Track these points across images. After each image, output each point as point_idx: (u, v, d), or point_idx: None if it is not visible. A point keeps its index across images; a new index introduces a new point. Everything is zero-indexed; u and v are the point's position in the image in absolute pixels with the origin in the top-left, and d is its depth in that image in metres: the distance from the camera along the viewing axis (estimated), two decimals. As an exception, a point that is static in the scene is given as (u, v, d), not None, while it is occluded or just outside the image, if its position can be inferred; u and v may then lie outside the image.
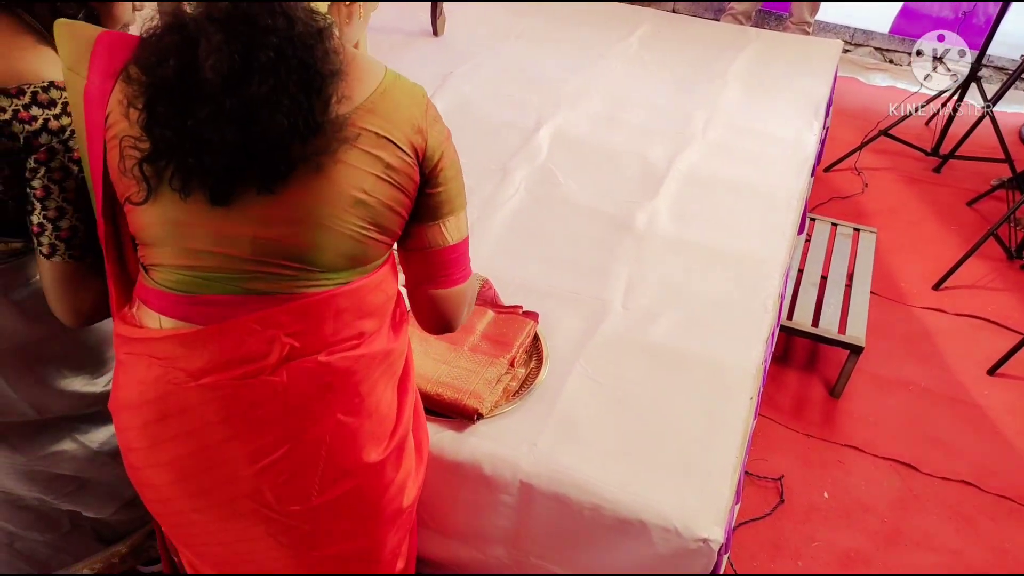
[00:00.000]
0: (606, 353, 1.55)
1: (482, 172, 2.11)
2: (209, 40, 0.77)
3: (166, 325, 0.91)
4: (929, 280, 2.71)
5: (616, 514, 1.28)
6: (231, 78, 0.78)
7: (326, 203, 0.86)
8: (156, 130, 0.82)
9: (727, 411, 1.45)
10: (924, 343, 2.46)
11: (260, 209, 0.85)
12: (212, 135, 0.80)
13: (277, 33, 0.79)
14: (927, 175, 3.35)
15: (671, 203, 2.03)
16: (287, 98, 0.80)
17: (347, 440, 0.97)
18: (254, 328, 0.88)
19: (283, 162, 0.83)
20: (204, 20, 0.79)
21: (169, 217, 0.87)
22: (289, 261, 0.88)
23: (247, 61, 0.78)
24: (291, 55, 0.80)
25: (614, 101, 2.52)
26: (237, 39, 0.78)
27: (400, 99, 0.91)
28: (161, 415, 0.92)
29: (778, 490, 1.95)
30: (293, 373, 0.90)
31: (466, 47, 2.82)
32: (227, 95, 0.78)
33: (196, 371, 0.89)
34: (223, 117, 0.79)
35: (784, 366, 2.33)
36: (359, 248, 0.91)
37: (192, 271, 0.89)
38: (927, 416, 2.20)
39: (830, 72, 2.82)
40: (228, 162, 0.81)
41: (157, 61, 0.80)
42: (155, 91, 0.81)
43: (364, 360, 0.96)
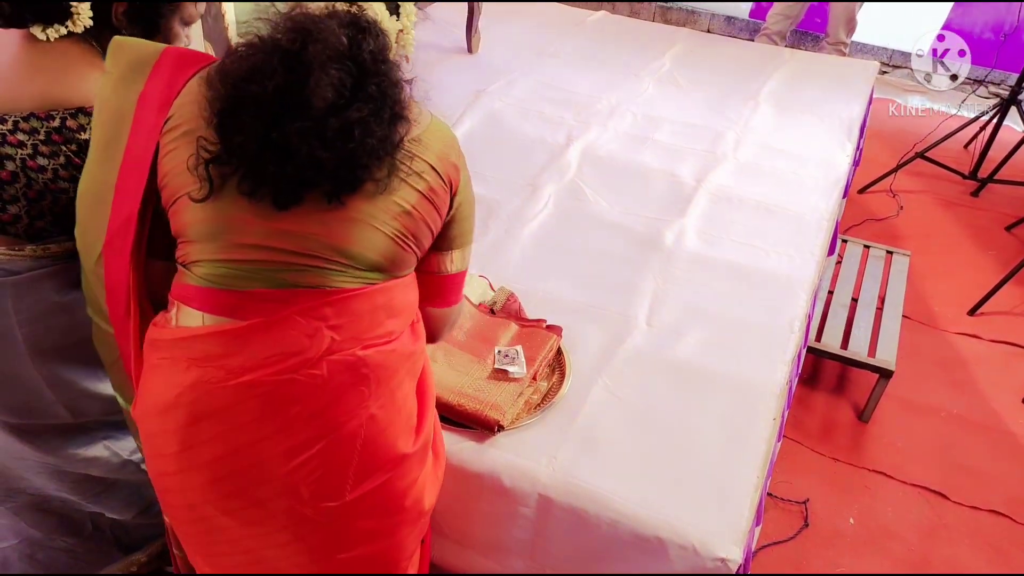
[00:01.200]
0: (629, 369, 1.55)
1: (511, 187, 2.13)
2: (325, 72, 0.86)
3: (208, 322, 0.95)
4: (964, 305, 2.67)
5: (634, 530, 1.28)
6: (336, 106, 0.87)
7: (380, 209, 0.95)
8: (235, 136, 0.88)
9: (750, 431, 1.44)
10: (957, 369, 2.42)
11: (319, 211, 0.93)
12: (301, 148, 0.87)
13: (380, 76, 0.91)
14: (964, 199, 3.30)
15: (699, 221, 2.03)
16: (379, 126, 0.90)
17: (380, 434, 1.01)
18: (297, 321, 0.94)
19: (358, 178, 0.91)
20: (322, 54, 0.86)
21: (221, 216, 0.93)
22: (335, 255, 0.94)
23: (354, 93, 0.88)
24: (387, 95, 0.91)
25: (645, 120, 2.53)
26: (348, 76, 0.88)
27: (441, 138, 1.02)
28: (196, 418, 0.94)
29: (803, 514, 1.92)
30: (333, 366, 0.95)
31: (500, 65, 2.86)
32: (330, 116, 0.87)
33: (236, 368, 0.93)
34: (319, 135, 0.87)
35: (812, 388, 2.30)
36: (398, 253, 0.99)
37: (237, 265, 0.93)
38: (958, 443, 2.16)
39: (865, 93, 2.80)
40: (308, 173, 0.89)
41: (252, 77, 0.87)
42: (242, 101, 0.88)
43: (395, 356, 1.02)
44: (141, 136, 0.96)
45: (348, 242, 0.94)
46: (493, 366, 1.47)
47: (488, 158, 2.29)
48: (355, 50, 0.89)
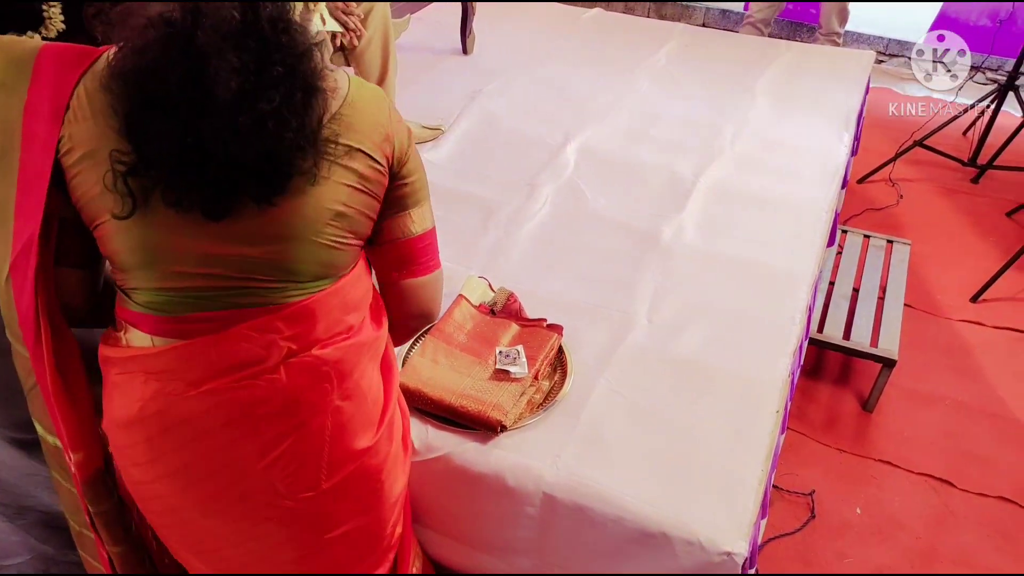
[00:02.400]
0: (631, 366, 1.56)
1: (509, 187, 2.13)
2: (223, 58, 0.78)
3: (159, 343, 0.92)
4: (967, 293, 2.66)
5: (639, 526, 1.28)
6: (243, 96, 0.80)
7: (308, 218, 0.90)
8: (150, 144, 0.82)
9: (752, 424, 1.44)
10: (961, 357, 2.41)
11: (246, 227, 0.88)
12: (217, 149, 0.81)
13: (283, 49, 0.82)
14: (964, 185, 3.30)
15: (698, 216, 2.03)
16: (293, 114, 0.83)
17: (347, 422, 1.01)
18: (251, 335, 0.92)
19: (284, 175, 0.86)
20: (215, 36, 0.78)
21: (151, 241, 0.88)
22: (275, 275, 0.92)
23: (259, 78, 0.81)
24: (297, 71, 0.83)
25: (642, 116, 2.53)
26: (250, 56, 0.80)
27: (365, 107, 0.94)
28: (163, 427, 0.94)
29: (809, 505, 1.92)
30: (292, 370, 0.95)
31: (495, 65, 2.87)
32: (239, 112, 0.80)
33: (195, 380, 0.92)
34: (232, 132, 0.80)
35: (816, 380, 2.30)
36: (339, 256, 0.96)
37: (179, 293, 0.90)
38: (964, 431, 2.16)
39: (862, 83, 2.80)
40: (230, 176, 0.83)
41: (151, 75, 0.80)
42: (149, 104, 0.81)
43: (354, 348, 1.01)
44: (35, 150, 0.89)
45: (285, 260, 0.91)
46: (494, 367, 1.48)
47: (485, 159, 2.29)
48: (251, 22, 0.81)
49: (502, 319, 1.61)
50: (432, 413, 1.40)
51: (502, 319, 1.61)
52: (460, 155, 2.32)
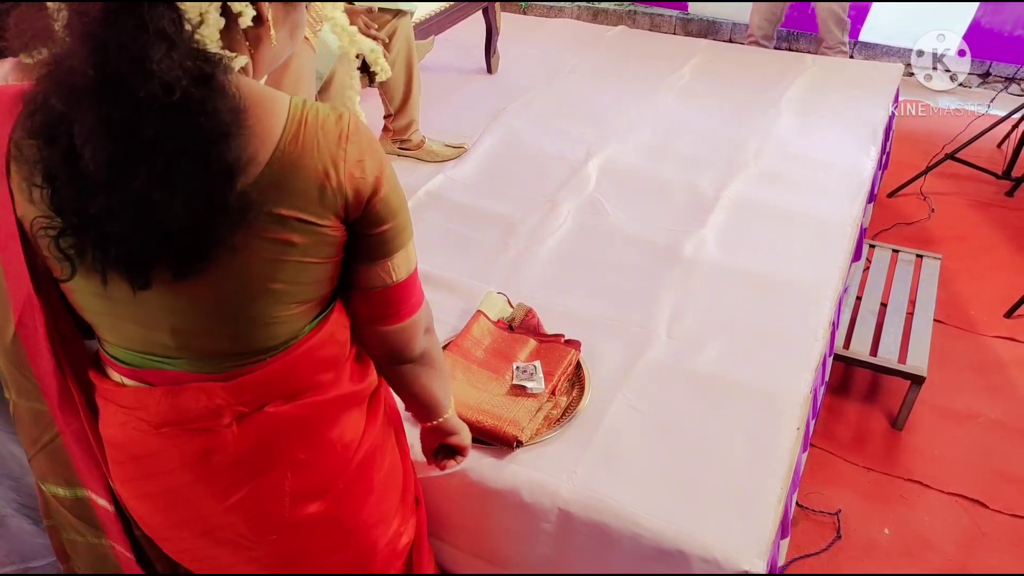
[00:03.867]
0: (649, 382, 1.55)
1: (530, 204, 2.15)
2: (83, 123, 0.68)
3: (127, 383, 0.91)
4: (1001, 308, 2.60)
5: (656, 544, 1.27)
6: (114, 166, 0.69)
7: (239, 298, 0.81)
8: (62, 215, 0.74)
9: (773, 441, 1.43)
10: (995, 374, 2.35)
11: (173, 300, 0.79)
12: (112, 227, 0.71)
13: (155, 100, 0.67)
14: (999, 199, 3.23)
15: (720, 231, 2.02)
16: (180, 179, 0.70)
17: (310, 473, 0.95)
18: (200, 397, 0.87)
19: (193, 248, 0.74)
20: (73, 95, 0.67)
21: (96, 306, 0.84)
22: (214, 349, 0.85)
23: (127, 144, 0.68)
24: (177, 125, 0.69)
25: (664, 132, 2.53)
26: (112, 117, 0.67)
27: (303, 155, 0.78)
28: (131, 456, 0.94)
29: (835, 525, 1.88)
30: (244, 427, 0.89)
31: (519, 83, 2.90)
32: (115, 186, 0.69)
33: (155, 422, 0.90)
34: (114, 211, 0.70)
35: (843, 397, 2.26)
36: (289, 327, 0.86)
37: (132, 351, 0.88)
38: (997, 450, 2.10)
39: (889, 96, 2.78)
40: (136, 251, 0.74)
41: (45, 140, 0.71)
42: (50, 172, 0.72)
43: (321, 406, 0.93)
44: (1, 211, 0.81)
45: (219, 338, 0.84)
46: (511, 382, 1.48)
47: (507, 176, 2.31)
48: (110, 73, 0.66)
49: (520, 335, 1.62)
50: (449, 428, 1.41)
51: (520, 335, 1.62)
52: (482, 173, 2.34)
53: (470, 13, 2.97)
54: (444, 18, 2.83)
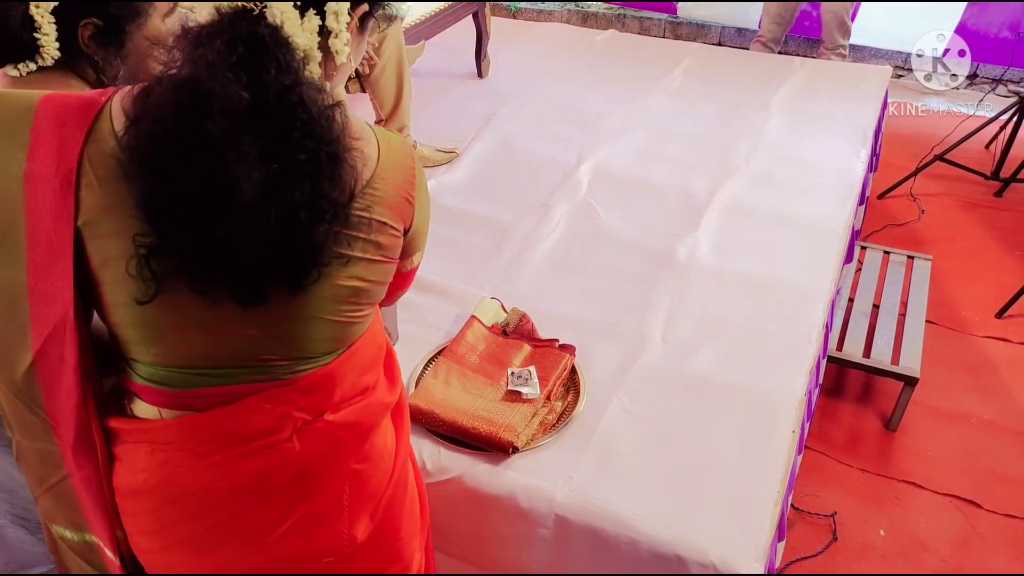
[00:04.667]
0: (644, 386, 1.55)
1: (523, 208, 2.15)
2: (239, 148, 0.72)
3: (167, 415, 0.87)
4: (992, 308, 2.61)
5: (653, 549, 1.27)
6: (267, 187, 0.73)
7: (326, 299, 0.85)
8: (174, 233, 0.75)
9: (768, 444, 1.43)
10: (987, 374, 2.36)
11: (257, 310, 0.81)
12: (248, 244, 0.75)
13: (301, 128, 0.74)
14: (988, 199, 3.25)
15: (712, 234, 2.02)
16: (324, 200, 0.77)
17: (364, 484, 0.97)
18: (264, 407, 0.87)
19: (319, 263, 0.80)
20: (227, 123, 0.71)
21: (157, 320, 0.81)
22: (284, 352, 0.87)
23: (283, 166, 0.74)
24: (319, 150, 0.76)
25: (656, 135, 2.54)
26: (267, 143, 0.73)
27: (395, 177, 0.88)
28: (169, 499, 0.89)
29: (831, 527, 1.88)
30: (305, 438, 0.89)
31: (510, 88, 2.89)
32: (265, 206, 0.74)
33: (203, 452, 0.86)
34: (263, 229, 0.74)
35: (836, 399, 2.26)
36: (353, 329, 0.91)
37: (180, 369, 0.85)
38: (991, 450, 2.11)
39: (879, 98, 2.79)
40: (262, 267, 0.77)
41: (170, 162, 0.73)
42: (169, 195, 0.74)
43: (371, 410, 0.97)
44: (45, 224, 0.78)
45: (296, 340, 0.86)
46: (506, 388, 1.48)
47: (499, 180, 2.31)
48: (260, 101, 0.72)
49: (514, 340, 1.61)
50: (444, 435, 1.41)
51: (514, 340, 1.61)
52: (474, 177, 2.34)
53: (460, 17, 2.96)
54: (434, 22, 2.82)
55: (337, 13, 0.82)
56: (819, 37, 3.81)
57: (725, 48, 3.59)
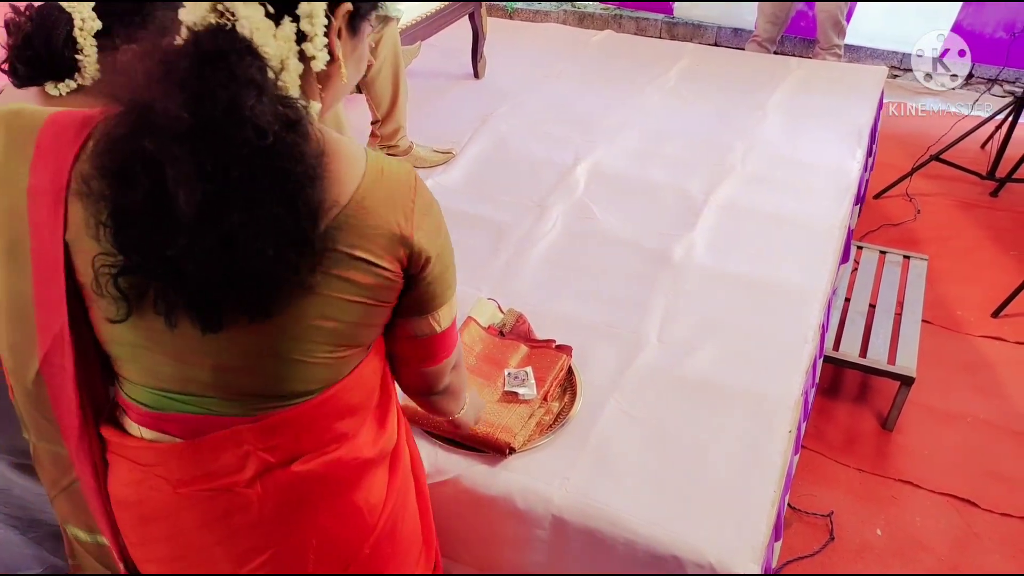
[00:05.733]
0: (641, 386, 1.55)
1: (519, 209, 2.14)
2: (177, 167, 0.68)
3: (146, 436, 0.87)
4: (987, 308, 2.62)
5: (650, 549, 1.27)
6: (206, 207, 0.69)
7: (294, 337, 0.80)
8: (132, 253, 0.73)
9: (765, 444, 1.43)
10: (983, 373, 2.37)
11: (228, 338, 0.78)
12: (192, 268, 0.71)
13: (249, 145, 0.69)
14: (984, 199, 3.26)
15: (709, 235, 2.02)
16: (269, 221, 0.71)
17: (335, 540, 0.92)
18: (227, 445, 0.84)
19: (269, 288, 0.75)
20: (167, 140, 0.68)
21: (132, 340, 0.81)
22: (248, 389, 0.83)
23: (221, 186, 0.69)
24: (267, 168, 0.70)
25: (652, 135, 2.54)
26: (207, 161, 0.68)
27: (378, 206, 0.79)
28: (144, 518, 0.90)
29: (828, 527, 1.89)
30: (268, 486, 0.86)
31: (506, 88, 2.89)
32: (204, 227, 0.70)
33: (175, 480, 0.86)
34: (200, 251, 0.71)
35: (833, 399, 2.27)
36: (330, 372, 0.86)
37: (158, 391, 0.85)
38: (987, 449, 2.11)
39: (874, 98, 2.79)
40: (213, 292, 0.74)
41: (123, 180, 0.71)
42: (122, 213, 0.72)
43: (343, 462, 0.90)
44: (43, 238, 0.80)
45: (260, 378, 0.82)
46: (503, 388, 1.47)
47: (496, 181, 2.31)
48: (205, 115, 0.68)
49: (511, 340, 1.61)
50: (441, 436, 1.40)
51: (511, 340, 1.61)
52: (471, 178, 2.34)
53: (457, 18, 2.96)
54: (430, 23, 2.82)
55: (311, 16, 0.77)
56: (814, 37, 3.82)
57: (721, 48, 3.60)
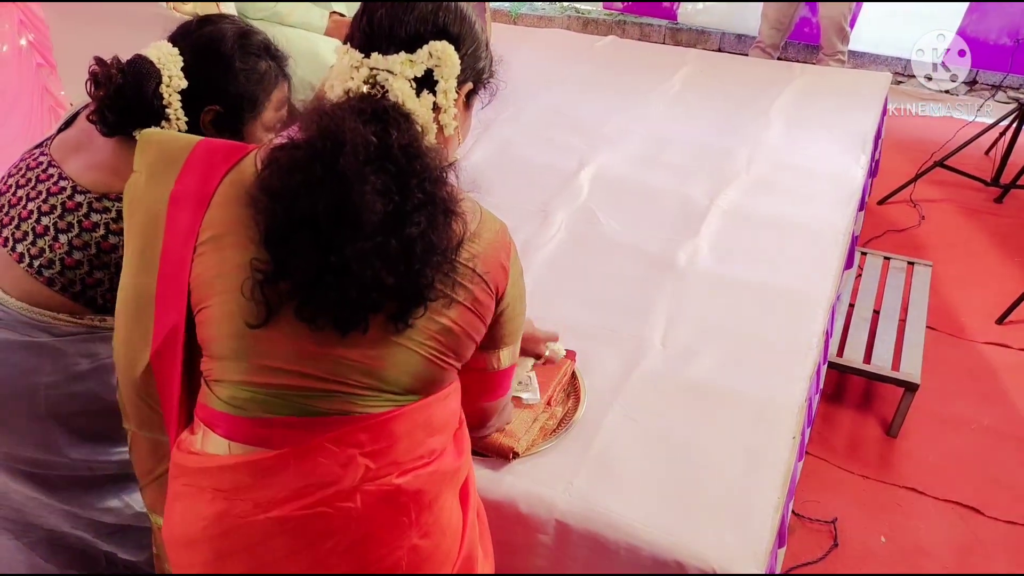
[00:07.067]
0: (644, 392, 1.55)
1: (523, 214, 2.14)
2: (367, 181, 0.81)
3: (236, 451, 0.89)
4: (992, 314, 2.61)
5: (653, 555, 1.26)
6: (390, 219, 0.82)
7: (416, 327, 0.88)
8: (293, 258, 0.83)
9: (768, 450, 1.42)
10: (988, 380, 2.36)
11: (353, 335, 0.86)
12: (363, 271, 0.81)
13: (419, 175, 0.84)
14: (988, 205, 3.26)
15: (712, 240, 2.02)
16: (438, 237, 0.84)
17: (422, 563, 0.94)
18: (330, 449, 0.87)
19: (425, 297, 0.86)
20: (355, 160, 0.81)
21: (250, 332, 0.87)
22: (366, 380, 0.89)
23: (403, 202, 0.82)
24: (436, 196, 0.85)
25: (656, 141, 2.54)
26: (390, 183, 0.82)
27: (490, 238, 0.94)
28: (224, 552, 0.89)
29: (831, 533, 1.88)
30: (367, 498, 0.89)
31: (508, 94, 2.86)
32: (387, 234, 0.81)
33: (264, 502, 0.87)
34: (380, 255, 0.81)
35: (837, 405, 2.26)
36: (435, 372, 0.93)
37: (262, 389, 0.88)
38: (992, 456, 2.11)
39: (878, 104, 2.79)
40: (372, 297, 0.83)
41: (299, 194, 0.82)
42: (293, 224, 0.82)
43: (435, 477, 0.95)
44: (177, 239, 0.91)
45: (380, 367, 0.88)
46: (507, 393, 1.47)
47: (499, 187, 2.30)
48: (385, 147, 0.83)
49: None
50: (444, 440, 1.40)
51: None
52: (474, 183, 2.33)
53: (461, 24, 2.97)
54: (435, 29, 2.83)
55: (446, 92, 0.94)
56: (818, 43, 3.83)
57: (724, 54, 3.60)
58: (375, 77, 0.92)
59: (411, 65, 0.92)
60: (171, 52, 1.16)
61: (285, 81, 1.28)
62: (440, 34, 0.94)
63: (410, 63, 0.92)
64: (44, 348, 1.20)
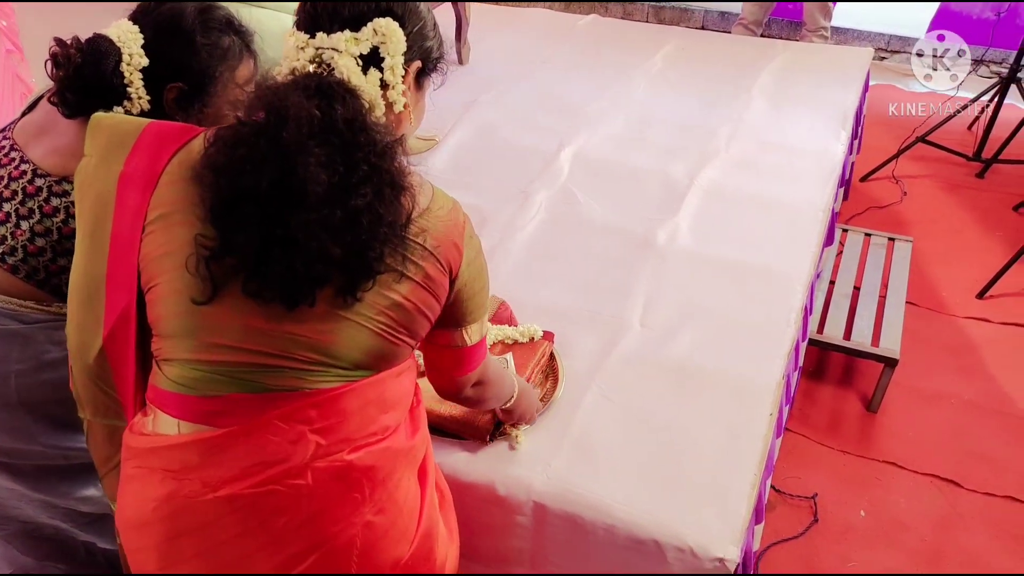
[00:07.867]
0: (622, 372, 1.55)
1: (503, 196, 2.13)
2: (311, 154, 0.81)
3: (185, 430, 0.89)
4: (972, 289, 2.63)
5: (631, 534, 1.27)
6: (335, 190, 0.82)
7: (366, 302, 0.88)
8: (237, 235, 0.83)
9: (746, 428, 1.43)
10: (967, 354, 2.38)
11: (301, 310, 0.86)
12: (309, 242, 0.82)
13: (365, 148, 0.84)
14: (970, 180, 3.26)
15: (692, 219, 2.02)
16: (385, 209, 0.85)
17: (379, 539, 0.94)
18: (279, 427, 0.87)
19: (372, 270, 0.86)
20: (299, 133, 0.81)
21: (198, 310, 0.86)
22: (315, 355, 0.88)
23: (348, 174, 0.83)
24: (382, 169, 0.85)
25: (637, 120, 2.52)
26: (335, 154, 0.82)
27: (441, 215, 0.94)
28: (176, 533, 0.88)
29: (812, 509, 1.90)
30: (318, 475, 0.88)
31: (490, 74, 2.87)
32: (332, 205, 0.82)
33: (214, 481, 0.86)
34: (325, 226, 0.82)
35: (817, 381, 2.27)
36: (387, 348, 0.92)
37: (210, 366, 0.88)
38: (971, 430, 2.12)
39: (860, 81, 2.78)
40: (318, 269, 0.83)
41: (244, 169, 0.82)
42: (239, 195, 0.82)
43: (388, 454, 0.95)
44: (126, 219, 0.91)
45: (329, 342, 0.88)
46: (484, 376, 1.47)
47: (480, 168, 2.29)
48: (330, 120, 0.83)
49: (492, 323, 1.60)
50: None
51: (492, 323, 1.60)
52: (455, 165, 2.32)
53: (440, 3, 2.94)
54: (413, 9, 2.79)
55: (393, 67, 0.95)
56: (801, 19, 3.80)
57: (707, 32, 3.57)
58: (320, 56, 0.93)
59: (356, 43, 0.93)
60: (131, 30, 1.13)
61: (251, 57, 1.25)
62: (384, 13, 0.95)
63: (355, 40, 0.93)
64: (13, 336, 1.19)
